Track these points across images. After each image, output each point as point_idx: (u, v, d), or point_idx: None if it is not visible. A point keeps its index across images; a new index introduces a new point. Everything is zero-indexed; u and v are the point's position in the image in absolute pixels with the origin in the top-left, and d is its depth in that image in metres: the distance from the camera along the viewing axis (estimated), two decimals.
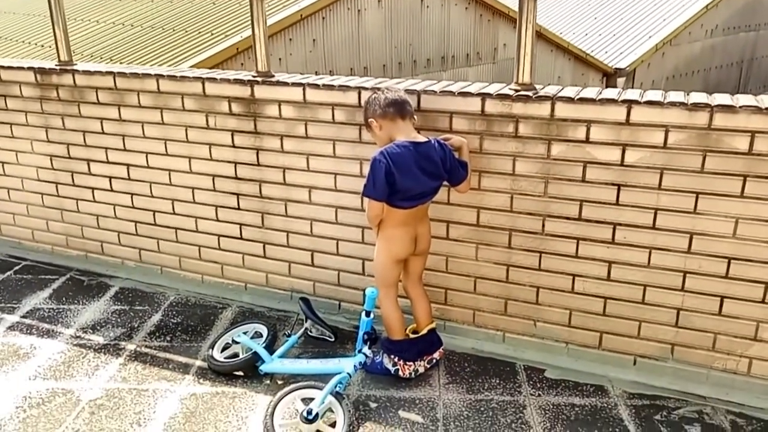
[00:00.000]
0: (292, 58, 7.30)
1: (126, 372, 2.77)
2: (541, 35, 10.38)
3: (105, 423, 2.46)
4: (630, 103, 2.41)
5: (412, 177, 2.43)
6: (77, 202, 3.66)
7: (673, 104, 2.36)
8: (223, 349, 2.85)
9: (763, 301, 2.47)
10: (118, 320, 3.19)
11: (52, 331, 3.09)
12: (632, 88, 12.05)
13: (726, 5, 13.52)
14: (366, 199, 2.51)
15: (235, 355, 2.81)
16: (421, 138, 2.50)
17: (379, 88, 2.60)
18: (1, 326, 3.13)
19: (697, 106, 2.33)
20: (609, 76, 11.88)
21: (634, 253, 2.58)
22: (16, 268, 3.76)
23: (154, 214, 3.47)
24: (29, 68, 3.49)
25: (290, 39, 7.25)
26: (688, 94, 2.45)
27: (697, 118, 2.34)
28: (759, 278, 2.44)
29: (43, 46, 8.12)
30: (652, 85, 12.61)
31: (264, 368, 2.69)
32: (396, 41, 8.44)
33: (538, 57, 10.43)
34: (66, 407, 2.55)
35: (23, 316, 3.22)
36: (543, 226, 2.68)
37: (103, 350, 2.93)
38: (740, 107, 2.29)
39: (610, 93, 2.51)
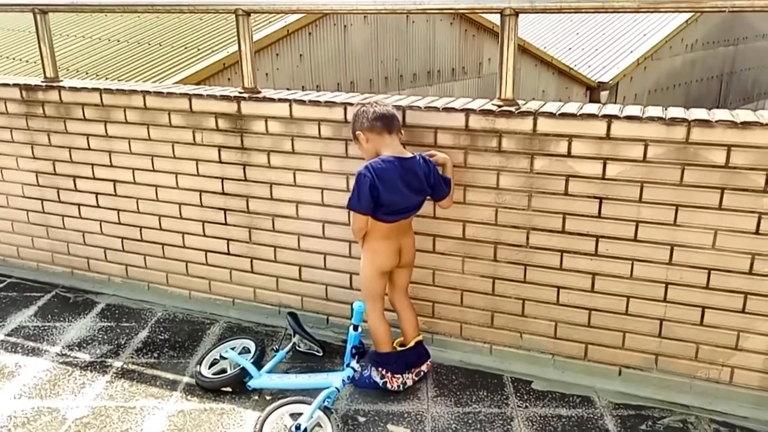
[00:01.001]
0: (279, 73, 7.35)
1: (113, 389, 2.76)
2: (525, 50, 10.53)
3: None
4: (610, 118, 2.47)
5: (397, 192, 2.46)
6: (63, 219, 3.65)
7: (651, 119, 2.41)
8: (211, 365, 2.85)
9: (743, 311, 2.51)
10: (105, 337, 3.17)
11: (38, 349, 3.07)
12: (615, 101, 12.25)
13: (705, 21, 13.80)
14: (351, 213, 2.53)
15: (223, 371, 2.80)
16: (406, 153, 2.54)
17: (367, 102, 2.64)
18: None
19: (674, 121, 2.39)
20: (592, 90, 12.06)
21: (616, 265, 2.62)
22: (1, 285, 3.73)
23: (140, 230, 3.47)
24: (15, 85, 3.49)
25: (277, 54, 7.30)
26: (666, 109, 2.51)
27: (675, 133, 2.39)
28: (738, 288, 2.49)
29: (28, 61, 8.10)
30: (635, 98, 12.81)
31: (252, 384, 2.69)
32: (382, 56, 8.53)
33: (523, 71, 10.58)
34: (52, 426, 2.53)
35: (8, 334, 3.20)
36: (527, 239, 2.72)
37: (89, 368, 2.92)
38: (716, 122, 2.35)
39: (590, 108, 2.57)
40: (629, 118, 2.44)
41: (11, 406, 2.65)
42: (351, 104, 2.80)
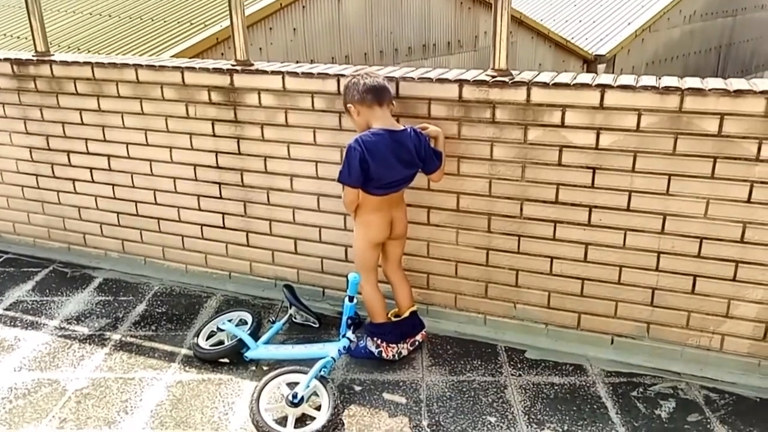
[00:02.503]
0: (273, 48, 7.28)
1: (112, 361, 2.79)
2: (521, 22, 10.42)
3: (92, 411, 2.48)
4: (603, 88, 2.46)
5: (386, 165, 2.46)
6: (58, 194, 3.65)
7: (645, 88, 2.41)
8: (209, 337, 2.88)
9: (733, 279, 2.54)
10: (103, 311, 3.20)
11: (37, 322, 3.10)
12: (612, 74, 12.10)
13: None
14: (342, 186, 2.54)
15: (221, 342, 2.84)
16: (397, 126, 2.53)
17: (358, 74, 2.63)
18: None
19: (668, 90, 2.39)
20: (589, 63, 11.97)
21: (609, 235, 2.64)
22: None
23: (136, 205, 3.48)
24: (5, 59, 3.46)
25: (270, 28, 7.23)
26: (659, 78, 2.51)
27: (669, 102, 2.39)
28: (729, 257, 2.52)
29: (19, 37, 8.01)
30: (633, 70, 12.73)
31: (249, 355, 2.73)
32: (377, 29, 8.44)
33: (519, 44, 10.49)
34: (52, 397, 2.57)
35: (6, 309, 3.22)
36: (521, 209, 2.73)
37: (88, 341, 2.95)
38: (709, 90, 2.35)
39: (584, 78, 2.56)
40: (623, 87, 2.44)
41: (12, 378, 2.68)
42: (344, 76, 2.79)
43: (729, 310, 2.59)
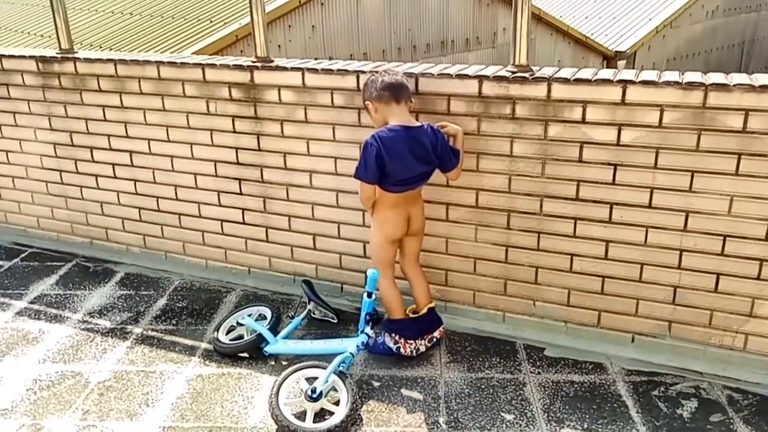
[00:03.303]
0: (292, 45, 7.30)
1: (133, 355, 2.83)
2: (540, 18, 10.34)
3: (114, 404, 2.52)
4: (625, 83, 2.44)
5: (402, 161, 2.46)
6: (81, 190, 3.70)
7: (667, 83, 2.38)
8: (228, 332, 2.90)
9: (758, 278, 2.50)
10: (124, 305, 3.24)
11: (60, 316, 3.15)
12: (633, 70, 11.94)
13: None
14: (359, 182, 2.55)
15: (240, 337, 2.86)
16: (414, 122, 2.53)
17: (377, 71, 2.63)
18: (9, 312, 3.19)
19: (691, 85, 2.36)
20: (609, 60, 11.84)
21: (630, 232, 2.62)
22: (23, 255, 3.81)
23: (157, 200, 3.51)
24: (31, 57, 3.52)
25: (289, 25, 7.25)
26: (683, 74, 2.48)
27: (692, 97, 2.36)
28: (753, 255, 2.48)
29: (42, 36, 8.13)
30: (653, 67, 12.56)
31: (268, 349, 2.75)
32: (395, 26, 8.43)
33: (538, 41, 10.41)
34: (75, 389, 2.61)
35: (31, 302, 3.28)
36: (541, 206, 2.71)
37: (110, 334, 2.99)
38: (734, 86, 2.31)
39: (605, 73, 2.54)
40: (645, 83, 2.41)
41: (36, 370, 2.73)
42: (363, 72, 2.79)
43: (753, 309, 2.55)
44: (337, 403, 2.43)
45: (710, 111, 2.36)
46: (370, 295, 2.64)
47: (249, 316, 2.93)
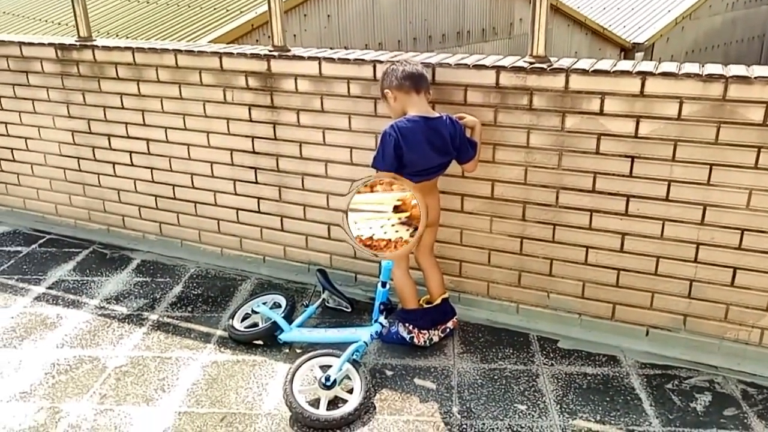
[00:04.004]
0: (307, 35, 7.30)
1: (149, 341, 2.86)
2: (557, 9, 10.25)
3: (130, 388, 2.56)
4: (644, 75, 2.41)
5: (420, 152, 2.46)
6: (99, 177, 3.74)
7: (687, 75, 2.36)
8: (243, 319, 2.93)
9: None
10: (141, 291, 3.28)
11: (77, 301, 3.19)
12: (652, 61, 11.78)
13: None
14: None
15: (255, 324, 2.88)
16: (433, 113, 2.53)
17: (397, 60, 2.62)
18: (28, 297, 3.24)
19: (711, 77, 2.33)
20: (627, 51, 11.71)
21: (647, 225, 2.60)
22: (41, 241, 3.86)
23: (173, 188, 3.54)
24: (50, 44, 3.55)
25: (305, 15, 7.24)
26: (703, 66, 2.45)
27: (712, 90, 2.34)
28: None
29: (60, 24, 8.19)
30: (672, 59, 12.37)
31: (283, 337, 2.77)
32: (411, 16, 8.40)
33: (555, 32, 10.32)
34: (93, 374, 2.65)
35: (49, 288, 3.32)
36: (557, 198, 2.70)
37: (126, 320, 3.03)
38: (755, 78, 2.28)
39: (624, 65, 2.52)
40: (664, 74, 2.39)
41: (54, 355, 2.77)
42: (380, 62, 2.79)
43: None
44: (350, 391, 2.45)
45: (730, 103, 2.34)
46: (384, 284, 2.65)
47: (264, 304, 2.96)
